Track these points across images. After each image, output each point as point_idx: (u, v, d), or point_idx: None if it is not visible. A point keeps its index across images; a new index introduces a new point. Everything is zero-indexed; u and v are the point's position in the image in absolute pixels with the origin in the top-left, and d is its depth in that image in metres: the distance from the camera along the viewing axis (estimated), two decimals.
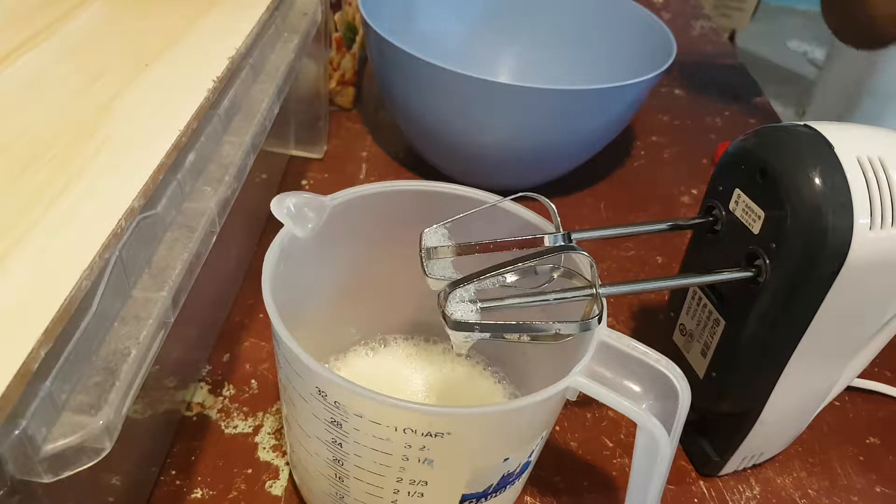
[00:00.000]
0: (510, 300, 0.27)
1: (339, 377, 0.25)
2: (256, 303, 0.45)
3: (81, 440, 0.20)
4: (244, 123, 0.34)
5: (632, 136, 0.66)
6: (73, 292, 0.21)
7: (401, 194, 0.34)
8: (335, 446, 0.28)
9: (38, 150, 0.26)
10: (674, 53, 0.52)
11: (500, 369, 0.39)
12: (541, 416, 0.29)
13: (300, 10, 0.45)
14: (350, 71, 0.63)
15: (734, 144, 0.32)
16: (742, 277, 0.30)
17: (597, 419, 0.40)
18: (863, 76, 1.02)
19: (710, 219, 0.33)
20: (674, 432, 0.27)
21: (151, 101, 0.30)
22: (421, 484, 0.28)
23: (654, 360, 0.27)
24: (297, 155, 0.58)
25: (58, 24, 0.34)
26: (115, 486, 0.30)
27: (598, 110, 0.49)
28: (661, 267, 0.52)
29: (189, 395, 0.39)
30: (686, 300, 0.36)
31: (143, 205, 0.25)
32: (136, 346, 0.23)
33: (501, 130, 0.49)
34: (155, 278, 0.25)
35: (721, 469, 0.37)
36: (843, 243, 0.28)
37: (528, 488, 0.36)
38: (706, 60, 0.81)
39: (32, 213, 0.23)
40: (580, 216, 0.56)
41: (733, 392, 0.34)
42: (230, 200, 0.31)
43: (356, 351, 0.39)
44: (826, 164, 0.28)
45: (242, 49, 0.35)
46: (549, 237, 0.30)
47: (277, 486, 0.35)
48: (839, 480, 0.39)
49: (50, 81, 0.30)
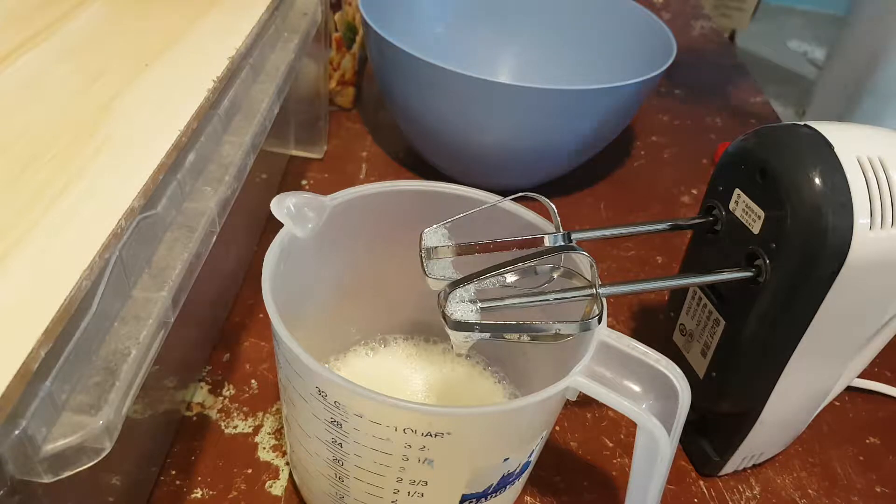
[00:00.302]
0: (510, 300, 0.27)
1: (339, 377, 0.25)
2: (256, 303, 0.45)
3: (81, 440, 0.20)
4: (244, 123, 0.34)
5: (632, 136, 0.66)
6: (73, 292, 0.21)
7: (401, 194, 0.34)
8: (335, 446, 0.28)
9: (38, 150, 0.26)
10: (674, 53, 0.52)
11: (500, 369, 0.39)
12: (541, 416, 0.29)
13: (300, 10, 0.45)
14: (350, 71, 0.63)
15: (734, 144, 0.32)
16: (742, 277, 0.30)
17: (597, 419, 0.40)
18: (863, 76, 1.02)
19: (710, 219, 0.33)
20: (674, 432, 0.27)
21: (151, 101, 0.30)
22: (421, 484, 0.28)
23: (654, 360, 0.27)
24: (297, 155, 0.58)
25: (58, 24, 0.34)
26: (115, 486, 0.30)
27: (599, 110, 0.49)
28: (661, 267, 0.52)
29: (189, 395, 0.39)
30: (686, 300, 0.36)
31: (143, 205, 0.25)
32: (136, 346, 0.23)
33: (501, 130, 0.49)
34: (155, 278, 0.25)
35: (721, 469, 0.37)
36: (843, 243, 0.28)
37: (528, 488, 0.36)
38: (706, 60, 0.81)
39: (32, 213, 0.23)
40: (580, 216, 0.56)
41: (733, 392, 0.34)
42: (230, 200, 0.31)
43: (356, 351, 0.39)
44: (826, 164, 0.28)
45: (242, 49, 0.35)
46: (549, 237, 0.30)
47: (277, 486, 0.35)
48: (839, 480, 0.39)
49: (50, 81, 0.30)
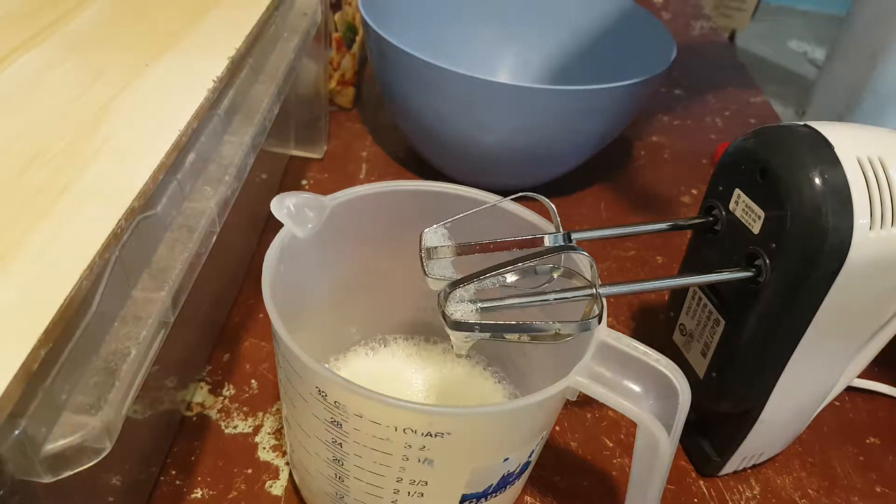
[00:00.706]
0: (510, 300, 0.27)
1: (339, 377, 0.25)
2: (256, 303, 0.45)
3: (81, 440, 0.20)
4: (244, 123, 0.34)
5: (632, 136, 0.66)
6: (73, 292, 0.21)
7: (401, 194, 0.34)
8: (335, 446, 0.28)
9: (38, 150, 0.26)
10: (674, 53, 0.52)
11: (500, 369, 0.39)
12: (541, 416, 0.29)
13: (300, 10, 0.45)
14: (350, 71, 0.63)
15: (734, 144, 0.32)
16: (742, 277, 0.30)
17: (597, 419, 0.40)
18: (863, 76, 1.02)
19: (710, 219, 0.33)
20: (674, 432, 0.27)
21: (151, 101, 0.30)
22: (421, 484, 0.28)
23: (654, 360, 0.27)
24: (297, 155, 0.57)
25: (58, 24, 0.34)
26: (115, 486, 0.30)
27: (598, 110, 0.49)
28: (661, 267, 0.52)
29: (189, 395, 0.39)
30: (686, 300, 0.36)
31: (143, 205, 0.25)
32: (136, 346, 0.23)
33: (501, 130, 0.49)
34: (155, 278, 0.25)
35: (721, 469, 0.37)
36: (843, 243, 0.28)
37: (528, 488, 0.36)
38: (706, 60, 0.81)
39: (32, 213, 0.23)
40: (580, 216, 0.56)
41: (733, 392, 0.34)
42: (230, 200, 0.31)
43: (356, 351, 0.39)
44: (826, 164, 0.28)
45: (242, 49, 0.35)
46: (549, 237, 0.30)
47: (277, 486, 0.35)
48: (839, 480, 0.39)
49: (50, 81, 0.30)
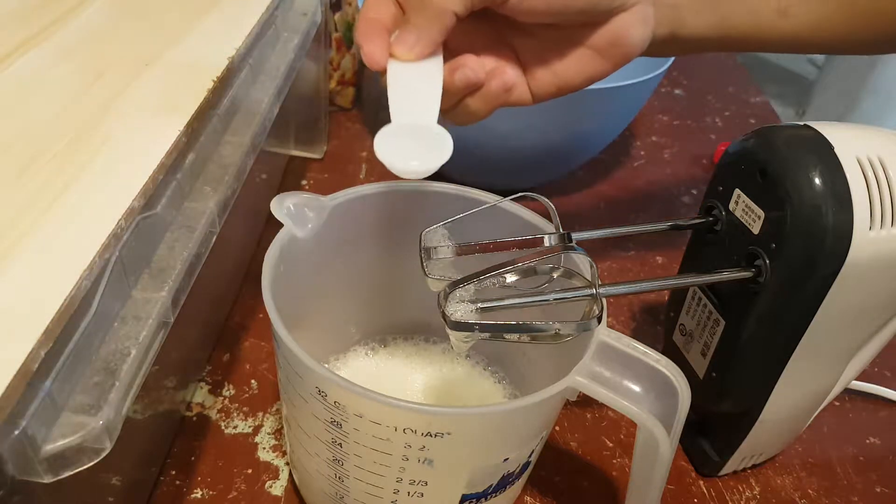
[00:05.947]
0: (510, 300, 0.27)
1: (339, 377, 0.25)
2: (256, 303, 0.45)
3: (81, 440, 0.20)
4: (244, 123, 0.34)
5: (632, 136, 0.66)
6: (73, 292, 0.21)
7: (401, 194, 0.34)
8: (335, 446, 0.28)
9: (38, 150, 0.26)
10: None
11: (500, 369, 0.39)
12: (541, 416, 0.29)
13: (300, 10, 0.45)
14: (350, 71, 0.63)
15: (734, 144, 0.32)
16: (742, 277, 0.30)
17: (597, 419, 0.40)
18: (863, 76, 1.02)
19: (710, 219, 0.33)
20: (674, 432, 0.27)
21: (151, 101, 0.30)
22: (421, 484, 0.28)
23: (654, 360, 0.27)
24: (297, 155, 0.57)
25: (58, 24, 0.34)
26: (115, 486, 0.30)
27: (598, 110, 0.49)
28: (661, 267, 0.52)
29: (189, 395, 0.39)
30: (686, 300, 0.36)
31: (143, 205, 0.25)
32: (136, 346, 0.23)
33: (502, 130, 0.49)
34: (155, 278, 0.25)
35: (721, 469, 0.37)
36: (843, 243, 0.28)
37: (528, 488, 0.36)
38: (706, 60, 0.81)
39: (32, 213, 0.23)
40: (580, 216, 0.56)
41: (733, 392, 0.34)
42: (230, 200, 0.31)
43: (356, 351, 0.39)
44: (826, 164, 0.28)
45: (242, 49, 0.35)
46: (549, 237, 0.30)
47: (277, 486, 0.35)
48: (839, 480, 0.39)
49: (50, 81, 0.30)
